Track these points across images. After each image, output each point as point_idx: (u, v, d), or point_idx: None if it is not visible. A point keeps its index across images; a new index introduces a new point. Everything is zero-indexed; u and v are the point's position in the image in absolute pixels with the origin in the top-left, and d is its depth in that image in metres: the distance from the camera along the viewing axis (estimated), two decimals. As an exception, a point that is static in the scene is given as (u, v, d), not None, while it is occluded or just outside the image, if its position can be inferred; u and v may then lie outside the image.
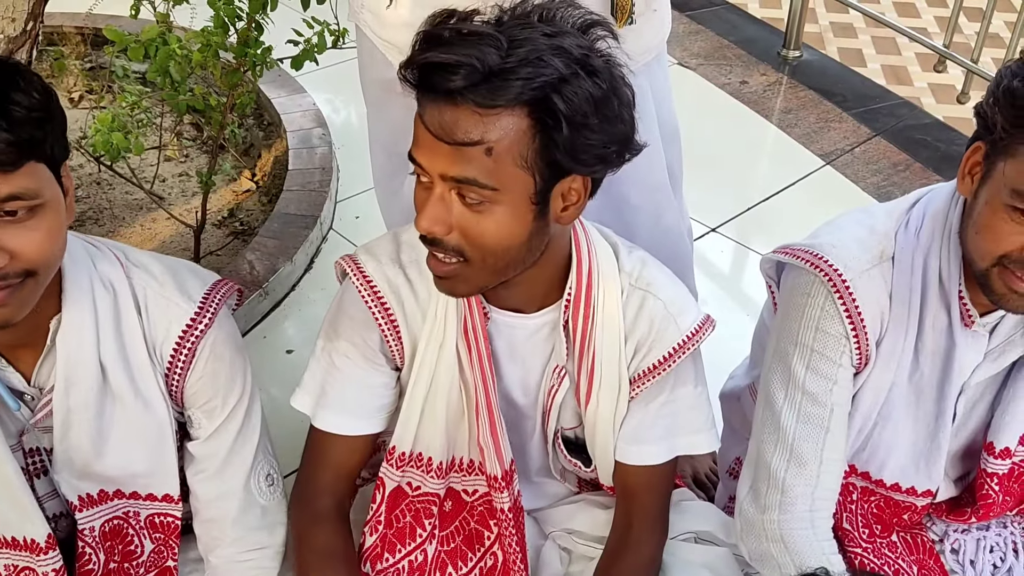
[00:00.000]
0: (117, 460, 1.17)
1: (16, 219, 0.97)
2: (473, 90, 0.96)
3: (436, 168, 1.01)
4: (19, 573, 1.18)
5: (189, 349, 1.16)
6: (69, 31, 3.01)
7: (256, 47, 1.95)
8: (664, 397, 1.23)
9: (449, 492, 1.29)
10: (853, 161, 3.01)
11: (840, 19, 4.25)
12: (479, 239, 1.03)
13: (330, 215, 2.57)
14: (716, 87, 3.36)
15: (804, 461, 1.20)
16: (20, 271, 0.98)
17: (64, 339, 1.10)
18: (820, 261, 1.18)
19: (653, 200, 1.61)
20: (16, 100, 0.95)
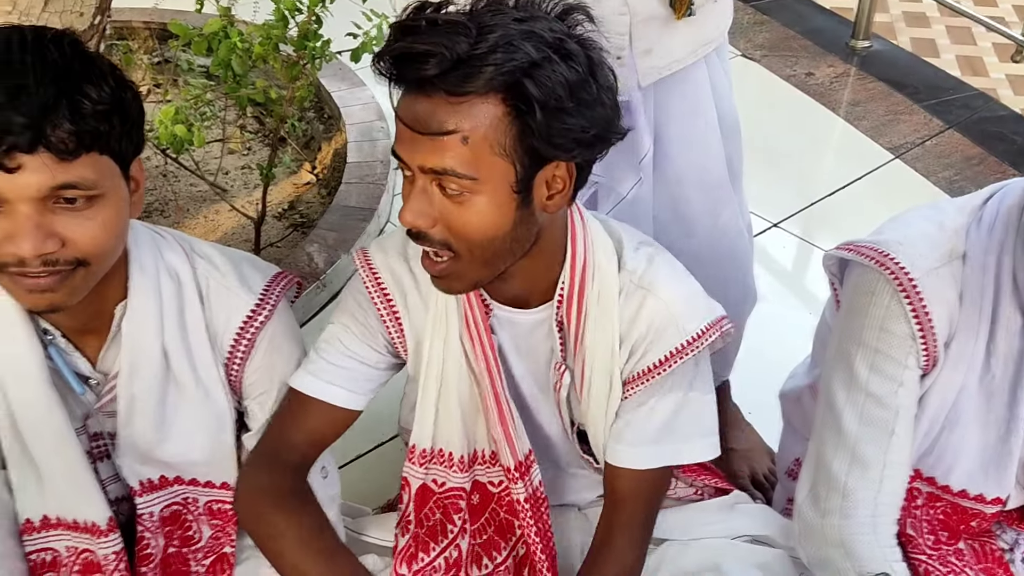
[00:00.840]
0: (178, 447, 1.19)
1: (74, 207, 0.98)
2: (443, 78, 0.95)
3: (415, 160, 1.00)
4: (80, 555, 1.21)
5: (249, 340, 1.17)
6: (137, 26, 3.08)
7: (315, 40, 1.97)
8: (658, 401, 1.19)
9: (475, 485, 1.28)
10: (924, 155, 2.91)
11: (913, 8, 4.12)
12: (463, 230, 1.02)
13: (388, 208, 2.59)
14: (781, 79, 3.28)
15: (867, 465, 1.16)
16: (71, 259, 1.00)
17: (129, 325, 1.12)
18: (886, 258, 1.14)
19: (711, 197, 1.58)
20: (86, 92, 0.96)
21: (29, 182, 0.95)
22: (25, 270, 0.98)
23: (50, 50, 0.97)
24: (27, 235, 0.96)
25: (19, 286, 1.00)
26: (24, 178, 0.94)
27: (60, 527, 1.19)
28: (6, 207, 0.96)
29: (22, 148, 0.93)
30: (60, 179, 0.96)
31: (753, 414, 1.93)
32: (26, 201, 0.95)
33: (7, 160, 0.93)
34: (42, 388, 1.11)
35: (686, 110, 1.48)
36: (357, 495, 1.52)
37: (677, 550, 1.27)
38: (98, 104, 0.97)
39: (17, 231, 0.96)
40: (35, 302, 1.01)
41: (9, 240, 0.96)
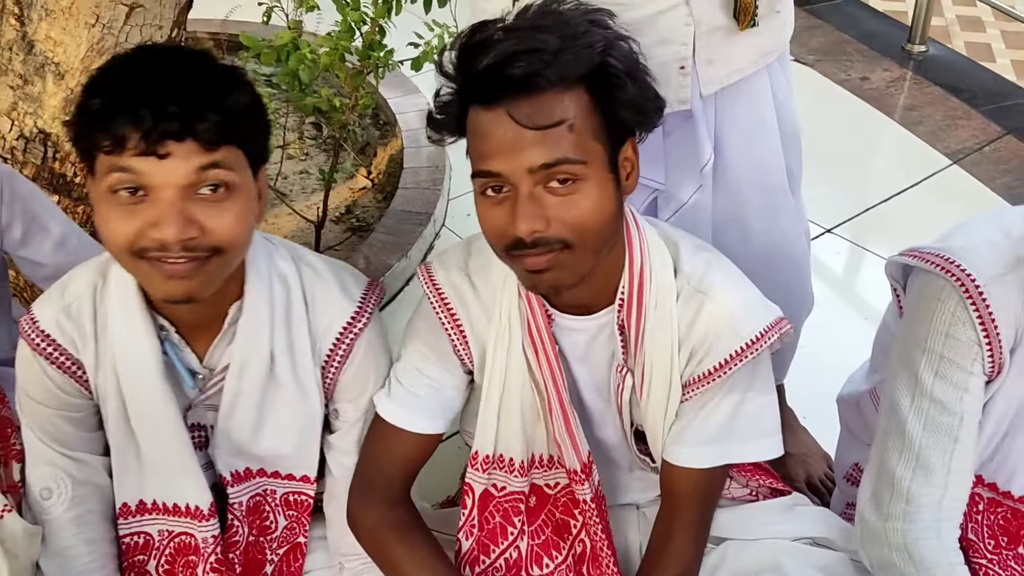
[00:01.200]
0: (270, 442, 1.25)
1: (211, 198, 1.06)
2: (551, 70, 1.03)
3: (522, 165, 1.04)
4: (174, 538, 1.27)
5: (348, 345, 1.24)
6: (203, 37, 3.17)
7: (380, 50, 2.02)
8: (717, 402, 1.21)
9: (532, 488, 1.32)
10: (982, 160, 2.88)
11: (967, 13, 4.07)
12: (579, 219, 1.06)
13: (443, 212, 2.64)
14: (835, 83, 3.27)
15: (931, 470, 1.17)
16: (208, 246, 1.06)
17: (244, 324, 1.19)
18: (952, 265, 1.14)
19: (770, 203, 1.60)
20: (228, 91, 1.06)
21: (176, 169, 1.03)
22: (166, 255, 1.04)
23: (195, 57, 1.08)
24: (171, 221, 1.03)
25: (159, 272, 1.06)
26: (172, 165, 1.02)
27: (156, 511, 1.26)
28: (151, 195, 1.04)
29: (173, 136, 1.02)
30: (203, 163, 1.04)
31: (808, 419, 1.93)
32: (171, 188, 1.03)
33: (159, 147, 1.01)
34: (158, 380, 1.18)
35: (747, 118, 1.50)
36: (416, 492, 1.56)
37: (737, 550, 1.29)
38: (238, 103, 1.06)
39: (161, 217, 1.03)
40: (172, 290, 1.07)
41: (153, 226, 1.04)
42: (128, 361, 1.18)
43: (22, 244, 1.46)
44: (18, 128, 1.95)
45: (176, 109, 1.01)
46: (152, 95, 1.01)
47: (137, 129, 1.01)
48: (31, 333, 1.19)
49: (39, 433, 1.23)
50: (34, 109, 1.92)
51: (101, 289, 1.19)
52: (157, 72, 1.04)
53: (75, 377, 1.20)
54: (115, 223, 1.05)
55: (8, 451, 1.33)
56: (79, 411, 1.23)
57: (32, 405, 1.23)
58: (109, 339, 1.18)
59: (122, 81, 1.04)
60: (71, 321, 1.18)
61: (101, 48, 1.85)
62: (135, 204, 1.04)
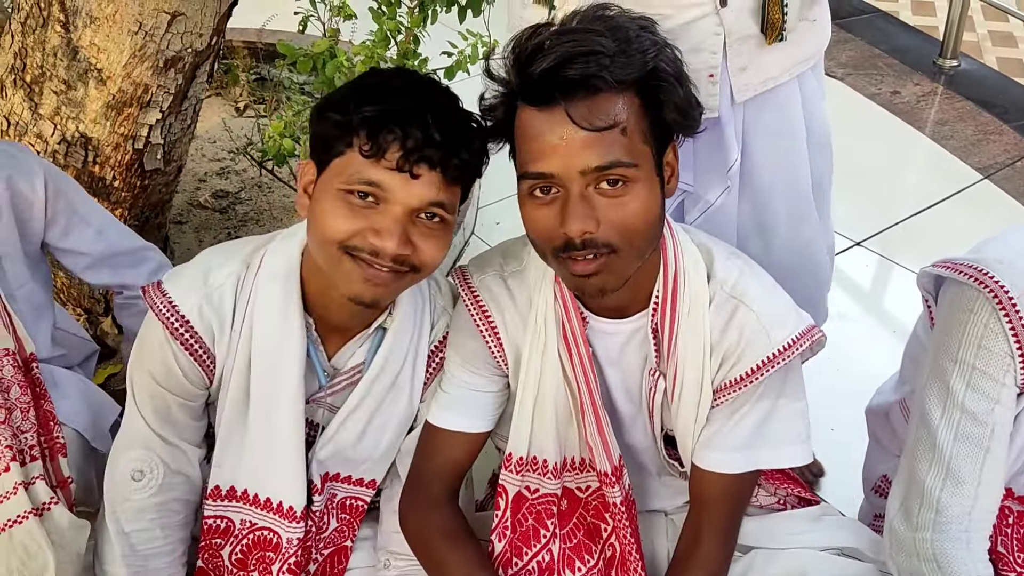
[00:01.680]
0: (369, 445, 1.30)
1: (428, 225, 1.13)
2: (609, 72, 1.05)
3: (576, 166, 1.06)
4: (254, 530, 1.29)
5: (443, 355, 1.31)
6: (237, 45, 3.22)
7: (414, 59, 2.06)
8: (748, 408, 1.21)
9: (564, 491, 1.33)
10: (1014, 175, 2.86)
11: (1000, 28, 4.05)
12: (628, 221, 1.08)
13: (472, 220, 2.66)
14: (865, 97, 3.27)
15: (961, 481, 1.17)
16: (412, 264, 1.13)
17: (395, 330, 1.25)
18: (985, 277, 1.14)
19: (795, 211, 1.60)
20: (475, 138, 1.14)
21: (419, 192, 1.09)
22: (375, 261, 1.11)
23: (449, 94, 1.14)
24: (394, 234, 1.10)
25: (360, 272, 1.12)
26: (417, 188, 1.09)
27: (245, 500, 1.29)
28: (383, 205, 1.10)
29: (430, 162, 1.08)
30: (439, 197, 1.11)
31: (836, 431, 1.93)
32: (405, 206, 1.10)
33: (416, 167, 1.08)
34: (296, 372, 1.22)
35: (776, 125, 1.51)
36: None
37: (765, 558, 1.29)
38: (479, 147, 1.13)
39: (387, 228, 1.10)
40: (363, 291, 1.13)
41: (376, 234, 1.10)
42: (270, 354, 1.22)
43: (65, 236, 1.51)
44: (60, 132, 1.99)
45: (440, 138, 1.07)
46: (423, 120, 1.08)
47: (402, 146, 1.07)
48: (170, 316, 1.21)
49: (148, 413, 1.26)
50: (76, 113, 1.97)
51: (244, 279, 1.22)
52: (426, 99, 1.10)
53: (203, 366, 1.23)
54: (339, 218, 1.10)
55: (52, 444, 1.37)
56: (194, 400, 1.27)
57: (151, 386, 1.25)
58: (248, 329, 1.22)
59: (396, 98, 1.09)
60: (213, 309, 1.21)
61: (143, 55, 1.89)
62: (364, 208, 1.10)
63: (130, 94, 1.94)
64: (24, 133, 2.02)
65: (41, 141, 2.01)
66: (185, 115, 2.08)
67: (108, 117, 1.97)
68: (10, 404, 1.35)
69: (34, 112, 2.00)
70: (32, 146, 2.02)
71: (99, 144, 2.00)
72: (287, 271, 1.21)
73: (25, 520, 1.25)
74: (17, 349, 1.43)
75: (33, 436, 1.34)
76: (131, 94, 1.94)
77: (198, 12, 1.88)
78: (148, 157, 2.06)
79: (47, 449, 1.36)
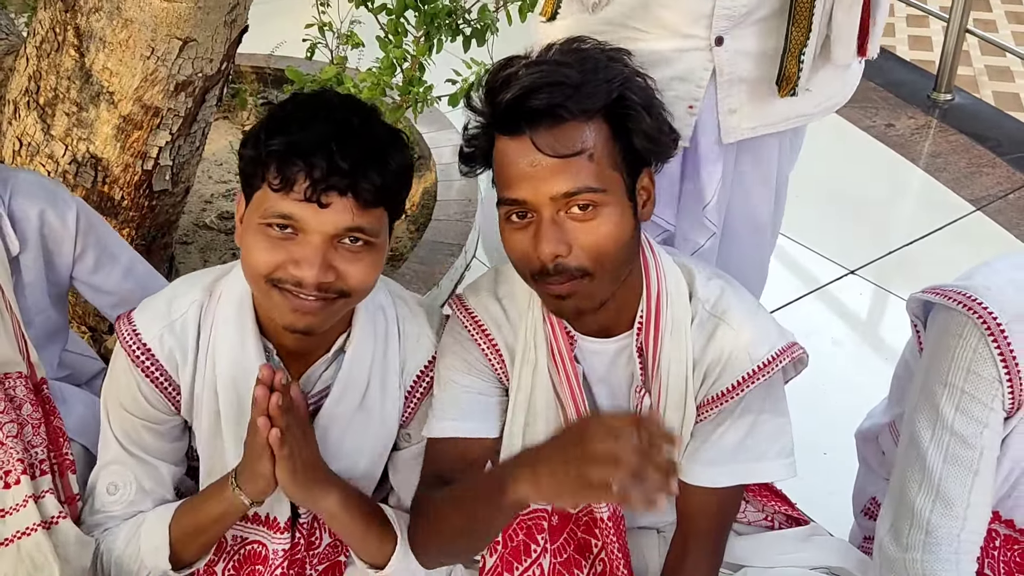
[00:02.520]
0: (344, 466, 1.30)
1: (352, 249, 1.14)
2: (572, 101, 1.09)
3: (546, 192, 1.10)
4: (245, 544, 1.32)
5: (431, 377, 1.32)
6: (245, 70, 3.29)
7: (419, 86, 2.10)
8: (731, 423, 1.24)
9: (554, 507, 1.34)
10: (1006, 208, 2.91)
11: (996, 62, 4.11)
12: (598, 244, 1.12)
13: (474, 244, 2.70)
14: (860, 129, 3.32)
15: (950, 503, 1.19)
16: (338, 289, 1.14)
17: (351, 354, 1.26)
18: (974, 303, 1.17)
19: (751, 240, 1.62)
20: (392, 156, 1.14)
21: (333, 220, 1.11)
22: (299, 291, 1.13)
23: (367, 114, 1.15)
24: (314, 264, 1.11)
25: (288, 303, 1.14)
26: (329, 216, 1.11)
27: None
28: (301, 236, 1.12)
29: (338, 190, 1.10)
30: (356, 223, 1.12)
31: (828, 455, 1.96)
32: (321, 235, 1.11)
33: (323, 197, 1.10)
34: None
35: (754, 168, 1.53)
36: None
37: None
38: (397, 168, 1.14)
39: (306, 258, 1.11)
40: (295, 321, 1.15)
41: (296, 264, 1.12)
42: (232, 377, 1.24)
43: (93, 272, 1.53)
44: (71, 152, 2.04)
45: (346, 166, 1.09)
46: (327, 148, 1.08)
47: (308, 177, 1.09)
48: (132, 344, 1.24)
49: (120, 434, 1.29)
50: (87, 135, 2.01)
51: (207, 307, 1.25)
52: (333, 125, 1.11)
53: (167, 395, 1.26)
54: (260, 252, 1.13)
55: (62, 461, 1.39)
56: (161, 423, 1.29)
57: (118, 410, 1.28)
58: (212, 355, 1.24)
59: (302, 128, 1.11)
60: (175, 338, 1.24)
61: (154, 79, 1.94)
62: (283, 240, 1.12)
63: (141, 117, 1.99)
64: (36, 153, 2.07)
65: (52, 161, 2.05)
66: (194, 137, 2.12)
67: (119, 139, 2.01)
68: (22, 420, 1.38)
69: (46, 133, 2.04)
70: (43, 166, 2.06)
71: (109, 165, 2.04)
72: (240, 298, 1.23)
73: (34, 532, 1.28)
74: (29, 374, 1.47)
75: (43, 451, 1.36)
76: (142, 117, 1.99)
77: (209, 38, 1.93)
78: (157, 178, 2.10)
79: (56, 465, 1.38)
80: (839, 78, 1.50)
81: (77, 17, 1.92)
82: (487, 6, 2.14)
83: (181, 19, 1.85)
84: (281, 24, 3.10)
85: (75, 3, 1.92)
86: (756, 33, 1.40)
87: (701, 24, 1.38)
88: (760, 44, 1.41)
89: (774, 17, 1.40)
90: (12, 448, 1.32)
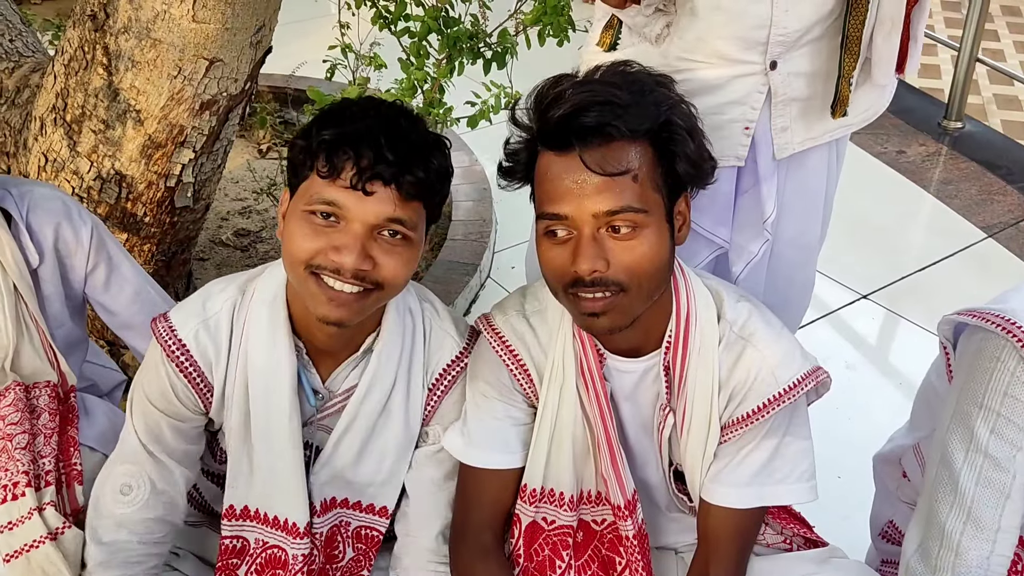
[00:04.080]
0: (369, 468, 1.32)
1: (390, 242, 1.17)
2: (622, 121, 1.12)
3: (588, 210, 1.12)
4: (266, 549, 1.33)
5: (452, 378, 1.34)
6: (262, 89, 3.33)
7: (440, 107, 2.14)
8: (755, 445, 1.25)
9: (580, 523, 1.36)
10: (1018, 235, 2.93)
11: (1004, 92, 4.15)
12: (637, 263, 1.14)
13: (488, 264, 2.73)
14: (871, 155, 3.35)
15: (982, 525, 1.18)
16: (374, 280, 1.17)
17: (379, 353, 1.28)
18: (1013, 326, 1.16)
19: (798, 258, 1.67)
20: (434, 155, 1.19)
21: (375, 209, 1.14)
22: (336, 278, 1.15)
23: (414, 119, 1.20)
24: (353, 251, 1.14)
25: (324, 294, 1.16)
26: (372, 205, 1.14)
27: (256, 519, 1.33)
28: (343, 224, 1.15)
29: (383, 179, 1.14)
30: (397, 214, 1.15)
31: (842, 478, 1.96)
32: (363, 223, 1.15)
33: (368, 185, 1.14)
34: (288, 394, 1.26)
35: (802, 184, 1.59)
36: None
37: (773, 597, 1.32)
38: (439, 168, 1.18)
39: (346, 245, 1.14)
40: (328, 312, 1.17)
41: (335, 251, 1.15)
42: (263, 376, 1.26)
43: (104, 290, 1.55)
44: (96, 169, 2.07)
45: (392, 157, 1.13)
46: (375, 140, 1.13)
47: (355, 165, 1.13)
48: (168, 339, 1.26)
49: (140, 429, 1.30)
50: (113, 152, 2.05)
51: (240, 305, 1.28)
52: (382, 121, 1.16)
53: (198, 391, 1.28)
54: (302, 239, 1.16)
55: (70, 471, 1.41)
56: (185, 421, 1.31)
57: (145, 404, 1.30)
58: (244, 353, 1.26)
59: (353, 122, 1.16)
60: (209, 336, 1.27)
61: (180, 97, 1.97)
62: (326, 227, 1.15)
63: (166, 134, 2.02)
64: (61, 169, 2.10)
65: (77, 177, 2.08)
66: (216, 155, 2.16)
67: (144, 156, 2.04)
68: (36, 430, 1.40)
69: (72, 150, 2.07)
70: (68, 182, 2.09)
71: (133, 181, 2.07)
72: (274, 295, 1.26)
73: (42, 544, 1.29)
74: (60, 382, 1.49)
75: (51, 462, 1.38)
76: (167, 134, 2.02)
77: (235, 59, 1.96)
78: (179, 195, 2.13)
79: (64, 475, 1.40)
80: (877, 89, 1.56)
81: (106, 37, 1.96)
82: (507, 30, 2.17)
83: (209, 40, 1.89)
84: (299, 47, 3.15)
85: (105, 23, 1.96)
86: (807, 55, 1.46)
87: (756, 51, 1.43)
88: (811, 65, 1.47)
89: (822, 39, 1.46)
90: (20, 460, 1.34)
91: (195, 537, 1.46)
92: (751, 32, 1.42)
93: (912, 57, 1.47)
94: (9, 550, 1.30)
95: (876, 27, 1.42)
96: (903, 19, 1.41)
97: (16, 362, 1.45)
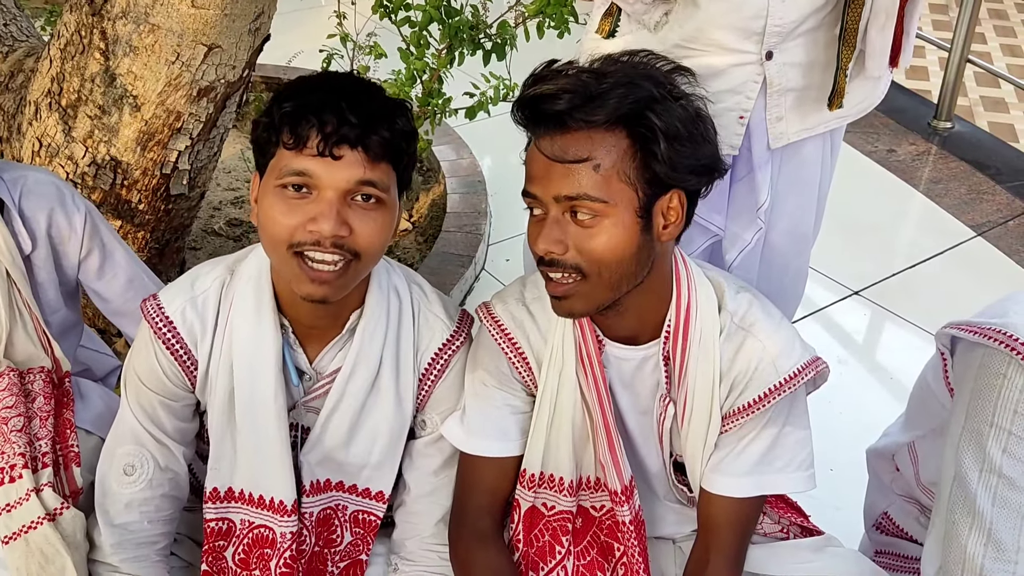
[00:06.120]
0: (360, 450, 1.33)
1: (364, 206, 1.18)
2: (578, 110, 1.12)
3: (550, 192, 1.14)
4: (253, 529, 1.33)
5: (445, 361, 1.34)
6: (256, 80, 3.32)
7: (438, 98, 2.14)
8: (755, 434, 1.26)
9: (579, 509, 1.37)
10: (1006, 234, 2.96)
11: (991, 93, 4.19)
12: (594, 252, 1.15)
13: (483, 256, 2.73)
14: (862, 154, 3.37)
15: (1003, 547, 1.17)
16: (352, 248, 1.17)
17: (363, 330, 1.28)
18: (1016, 343, 1.15)
19: (794, 248, 1.68)
20: (398, 116, 1.19)
21: (345, 174, 1.15)
22: (318, 250, 1.15)
23: (372, 86, 1.21)
24: (329, 217, 1.14)
25: (306, 274, 1.16)
26: (342, 170, 1.14)
27: (242, 500, 1.33)
28: (316, 193, 1.15)
29: (349, 142, 1.14)
30: (367, 176, 1.16)
31: (835, 471, 1.98)
32: (335, 189, 1.15)
33: (335, 149, 1.14)
34: (273, 374, 1.26)
35: (796, 174, 1.59)
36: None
37: (770, 586, 1.33)
38: (404, 128, 1.19)
39: (321, 213, 1.14)
40: (312, 291, 1.17)
41: (313, 221, 1.15)
42: (248, 353, 1.26)
43: (97, 277, 1.55)
44: (91, 155, 2.06)
45: (355, 120, 1.14)
46: (336, 106, 1.13)
47: (320, 131, 1.13)
48: (155, 317, 1.27)
49: (137, 411, 1.31)
50: (108, 138, 2.03)
51: (228, 285, 1.28)
52: (341, 89, 1.17)
53: (184, 368, 1.28)
54: (278, 216, 1.16)
55: (67, 453, 1.41)
56: (177, 400, 1.31)
57: (137, 384, 1.30)
58: (230, 332, 1.27)
59: (312, 92, 1.16)
60: (195, 312, 1.27)
61: (178, 83, 1.96)
62: (300, 200, 1.15)
63: (162, 121, 2.01)
64: (55, 154, 2.08)
65: (71, 163, 2.07)
66: (212, 143, 2.15)
67: (140, 142, 2.03)
68: (31, 413, 1.40)
69: (67, 135, 2.06)
70: (62, 167, 2.08)
71: (128, 168, 2.06)
72: (259, 274, 1.27)
73: (40, 525, 1.29)
74: (54, 368, 1.48)
75: (48, 444, 1.38)
76: (163, 121, 2.01)
77: (233, 45, 1.95)
78: (175, 182, 2.12)
79: (62, 457, 1.40)
80: (871, 81, 1.57)
81: (104, 21, 1.94)
82: (507, 22, 2.17)
83: (207, 26, 1.88)
84: (293, 37, 3.13)
85: (102, 7, 1.94)
86: (802, 45, 1.47)
87: (752, 41, 1.44)
88: (806, 56, 1.48)
89: (817, 30, 1.47)
90: (16, 442, 1.34)
91: (190, 521, 1.45)
92: (748, 22, 1.43)
93: (905, 50, 1.49)
94: (8, 532, 1.30)
95: (871, 19, 1.44)
96: (897, 12, 1.42)
97: (9, 348, 1.45)
